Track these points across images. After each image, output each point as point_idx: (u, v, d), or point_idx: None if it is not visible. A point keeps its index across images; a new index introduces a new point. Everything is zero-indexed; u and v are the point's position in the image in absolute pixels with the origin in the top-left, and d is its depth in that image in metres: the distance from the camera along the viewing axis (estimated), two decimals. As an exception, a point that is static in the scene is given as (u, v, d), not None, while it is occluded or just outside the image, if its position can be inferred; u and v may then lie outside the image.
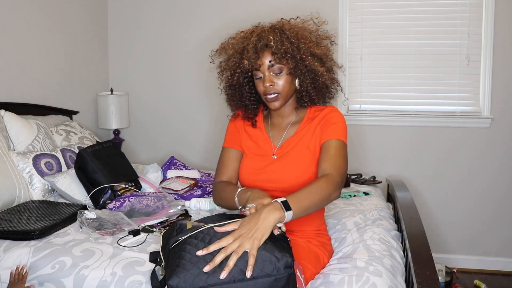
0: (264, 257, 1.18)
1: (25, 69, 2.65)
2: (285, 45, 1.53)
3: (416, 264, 1.43)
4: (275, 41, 1.54)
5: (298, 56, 1.54)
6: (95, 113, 3.31)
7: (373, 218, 1.94)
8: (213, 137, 3.37)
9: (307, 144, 1.60)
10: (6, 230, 1.71)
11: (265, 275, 1.16)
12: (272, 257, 1.18)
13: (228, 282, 1.15)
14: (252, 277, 1.15)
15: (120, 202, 1.99)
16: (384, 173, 3.11)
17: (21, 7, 2.60)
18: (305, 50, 1.55)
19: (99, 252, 1.60)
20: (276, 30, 1.58)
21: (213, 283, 1.15)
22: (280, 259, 1.17)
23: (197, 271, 1.17)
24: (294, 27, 1.61)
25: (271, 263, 1.17)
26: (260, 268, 1.16)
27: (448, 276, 2.84)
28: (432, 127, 3.07)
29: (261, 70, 1.57)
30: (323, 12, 3.10)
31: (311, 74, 1.58)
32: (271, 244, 1.21)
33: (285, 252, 1.20)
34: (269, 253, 1.18)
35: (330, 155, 1.52)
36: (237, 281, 1.15)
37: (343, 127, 1.59)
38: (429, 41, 3.02)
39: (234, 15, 3.20)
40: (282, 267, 1.17)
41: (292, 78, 1.59)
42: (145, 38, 3.41)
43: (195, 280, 1.15)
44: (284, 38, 1.55)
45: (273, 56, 1.54)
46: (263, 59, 1.55)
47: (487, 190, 3.06)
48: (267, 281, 1.16)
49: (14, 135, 2.27)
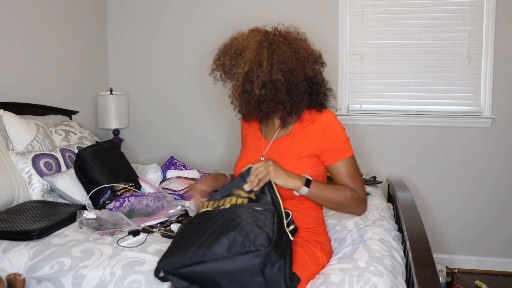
0: (242, 234, 1.25)
1: (25, 69, 2.65)
2: (226, 71, 1.60)
3: (416, 265, 1.42)
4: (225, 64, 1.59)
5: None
6: (94, 113, 3.30)
7: (373, 218, 1.93)
8: (213, 137, 3.37)
9: (299, 149, 1.59)
10: (5, 230, 1.70)
11: (243, 252, 1.23)
12: (251, 234, 1.24)
13: (209, 260, 1.24)
14: (231, 255, 1.23)
15: (119, 203, 1.98)
16: (384, 173, 3.10)
17: (21, 7, 2.59)
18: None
19: (99, 252, 1.60)
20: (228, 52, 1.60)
21: (196, 261, 1.25)
22: (257, 236, 1.23)
23: (182, 251, 1.29)
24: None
25: (248, 239, 1.24)
26: (238, 244, 1.23)
27: (449, 277, 2.83)
28: (432, 127, 3.06)
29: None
30: (323, 12, 3.12)
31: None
32: (253, 223, 1.28)
33: (264, 231, 1.25)
34: (248, 230, 1.25)
35: (348, 177, 1.57)
36: (218, 259, 1.24)
37: (345, 141, 1.58)
38: (430, 41, 3.01)
39: (234, 15, 3.19)
40: (257, 243, 1.23)
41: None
42: (145, 38, 3.40)
43: (179, 260, 1.28)
44: (228, 59, 1.58)
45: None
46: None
47: (488, 190, 3.05)
48: (244, 258, 1.23)
49: (13, 135, 2.26)
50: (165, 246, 1.64)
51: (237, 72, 1.54)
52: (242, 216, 1.32)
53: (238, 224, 1.29)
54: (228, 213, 1.36)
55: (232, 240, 1.25)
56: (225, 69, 1.59)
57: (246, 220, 1.29)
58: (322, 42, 1.70)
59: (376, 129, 3.13)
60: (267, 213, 1.36)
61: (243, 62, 1.53)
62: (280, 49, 1.53)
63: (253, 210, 1.36)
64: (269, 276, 1.24)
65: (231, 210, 1.37)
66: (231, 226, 1.29)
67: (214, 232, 1.30)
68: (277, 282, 1.26)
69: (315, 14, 3.10)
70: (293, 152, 1.59)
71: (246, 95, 1.55)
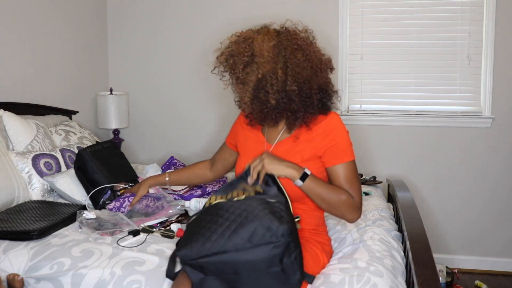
0: (263, 225, 1.28)
1: (25, 69, 2.65)
2: (236, 73, 1.56)
3: (416, 265, 1.42)
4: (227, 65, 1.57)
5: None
6: (94, 113, 3.30)
7: (373, 218, 1.93)
8: (213, 137, 3.37)
9: (302, 152, 1.57)
10: (5, 230, 1.70)
11: (264, 243, 1.26)
12: (272, 225, 1.28)
13: (230, 250, 1.27)
14: (253, 245, 1.27)
15: (119, 203, 1.98)
16: (384, 173, 3.10)
17: (21, 7, 2.59)
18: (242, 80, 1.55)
19: (98, 252, 1.60)
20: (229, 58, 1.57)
21: (216, 251, 1.28)
22: (278, 227, 1.27)
23: (202, 241, 1.31)
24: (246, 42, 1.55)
25: (270, 231, 1.27)
26: (259, 235, 1.27)
27: (449, 277, 2.83)
28: (432, 127, 3.06)
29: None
30: (323, 12, 3.12)
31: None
32: (271, 215, 1.31)
33: (283, 222, 1.29)
34: (268, 222, 1.28)
35: (346, 181, 1.54)
36: (239, 250, 1.27)
37: (347, 144, 1.57)
38: (430, 41, 3.01)
39: (234, 15, 3.20)
40: (279, 234, 1.26)
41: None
42: (145, 38, 3.40)
43: (200, 249, 1.29)
44: (239, 62, 1.54)
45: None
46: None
47: (488, 190, 3.05)
48: (265, 248, 1.26)
49: (13, 135, 2.26)
50: (165, 246, 1.64)
51: (251, 79, 1.51)
52: (259, 207, 1.35)
53: (257, 215, 1.32)
54: (244, 205, 1.38)
55: (253, 231, 1.28)
56: (236, 71, 1.54)
57: (264, 212, 1.33)
58: (322, 42, 1.69)
59: (376, 129, 3.13)
60: (279, 204, 1.39)
61: (257, 68, 1.50)
62: (294, 57, 1.51)
63: (266, 201, 1.39)
64: (286, 265, 1.29)
65: (246, 202, 1.39)
66: (250, 217, 1.32)
67: (234, 223, 1.32)
68: (293, 270, 1.31)
69: (315, 14, 3.10)
70: (297, 155, 1.57)
71: (258, 103, 1.53)
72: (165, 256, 1.57)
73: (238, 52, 1.53)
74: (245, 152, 1.73)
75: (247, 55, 1.52)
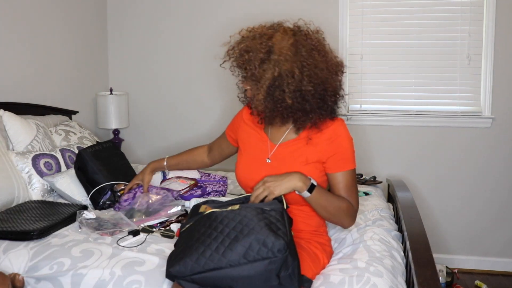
0: (259, 240, 1.25)
1: (25, 69, 2.65)
2: (251, 69, 1.51)
3: (416, 265, 1.42)
4: (246, 61, 1.52)
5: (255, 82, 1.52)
6: (94, 113, 3.30)
7: (373, 218, 1.93)
8: (213, 137, 3.36)
9: (306, 155, 1.57)
10: (5, 230, 1.70)
11: (260, 258, 1.23)
12: (267, 240, 1.25)
13: (225, 267, 1.24)
14: (248, 261, 1.23)
15: (132, 193, 2.00)
16: (384, 173, 3.10)
17: (21, 7, 2.59)
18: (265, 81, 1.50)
19: (98, 252, 1.60)
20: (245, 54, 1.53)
21: (210, 268, 1.25)
22: (274, 242, 1.24)
23: (196, 256, 1.27)
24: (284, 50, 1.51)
25: (265, 246, 1.24)
26: (255, 251, 1.24)
27: (449, 277, 2.83)
28: (432, 127, 3.06)
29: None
30: (324, 12, 3.12)
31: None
32: (267, 228, 1.28)
33: (279, 236, 1.26)
34: (264, 237, 1.25)
35: (346, 189, 1.56)
36: (234, 266, 1.24)
37: (351, 152, 1.57)
38: (430, 41, 3.01)
39: (233, 15, 3.19)
40: (276, 249, 1.24)
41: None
42: (145, 38, 3.40)
43: (193, 266, 1.26)
44: (255, 59, 1.50)
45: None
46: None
47: (488, 190, 3.05)
48: (261, 264, 1.23)
49: (13, 135, 2.26)
50: (165, 246, 1.64)
51: (267, 76, 1.47)
52: (254, 219, 1.32)
53: (252, 228, 1.29)
54: (239, 216, 1.35)
55: (248, 246, 1.25)
56: (251, 67, 1.50)
57: (259, 225, 1.29)
58: (322, 42, 1.69)
59: (376, 129, 3.13)
60: (275, 213, 1.36)
61: (273, 65, 1.47)
62: (312, 57, 1.49)
63: (261, 210, 1.36)
64: (283, 279, 1.26)
65: (241, 213, 1.36)
66: (245, 230, 1.29)
67: (228, 237, 1.29)
68: (290, 283, 1.28)
69: (315, 14, 3.09)
70: (301, 158, 1.57)
71: (272, 101, 1.50)
72: (165, 256, 1.57)
73: (254, 48, 1.49)
74: (247, 150, 1.71)
75: (264, 52, 1.48)
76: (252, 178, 1.63)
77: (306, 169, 1.55)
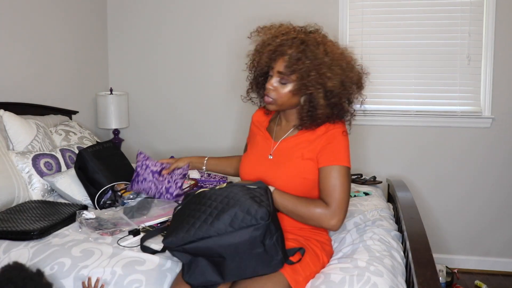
0: (243, 209, 1.33)
1: (25, 69, 2.65)
2: (299, 66, 1.52)
3: (416, 265, 1.42)
4: (292, 57, 1.53)
5: (306, 82, 1.53)
6: (94, 113, 3.30)
7: (373, 218, 1.93)
8: (213, 137, 3.37)
9: (302, 151, 1.59)
10: (5, 230, 1.70)
11: (245, 226, 1.32)
12: (251, 209, 1.33)
13: (213, 235, 1.32)
14: (234, 229, 1.32)
15: (150, 161, 2.11)
16: (384, 173, 3.10)
17: (21, 7, 2.59)
18: (314, 80, 1.52)
19: (99, 252, 1.60)
20: (300, 46, 1.54)
21: (200, 237, 1.33)
22: (257, 210, 1.33)
23: (186, 227, 1.36)
24: (319, 46, 1.56)
25: (249, 214, 1.32)
26: (240, 219, 1.32)
27: (449, 277, 2.84)
28: (432, 127, 3.06)
29: (272, 71, 1.59)
30: (324, 12, 3.12)
31: (312, 103, 1.56)
32: (251, 199, 1.37)
33: (262, 206, 1.35)
34: (248, 206, 1.34)
35: (329, 185, 1.52)
36: (221, 234, 1.32)
37: (343, 149, 1.57)
38: (430, 41, 3.01)
39: (233, 15, 3.19)
40: (259, 216, 1.32)
41: (293, 94, 1.57)
42: (145, 38, 3.40)
43: (184, 236, 1.34)
44: (303, 57, 1.52)
45: (285, 68, 1.54)
46: (277, 63, 1.56)
47: (488, 190, 3.05)
48: (246, 231, 1.32)
49: (13, 135, 2.26)
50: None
51: (328, 85, 1.54)
52: (240, 193, 1.41)
53: (237, 200, 1.37)
54: (226, 191, 1.43)
55: (233, 215, 1.33)
56: (312, 74, 1.52)
57: (244, 197, 1.38)
58: (322, 42, 1.69)
59: (376, 129, 3.13)
60: (260, 190, 1.44)
61: (333, 74, 1.54)
62: (350, 69, 1.63)
63: (247, 188, 1.44)
64: (268, 247, 1.34)
65: (227, 189, 1.45)
66: (231, 203, 1.37)
67: (215, 209, 1.37)
68: (275, 251, 1.36)
69: (315, 14, 3.09)
70: (298, 153, 1.60)
71: (329, 107, 1.58)
72: (165, 256, 1.57)
73: (313, 55, 1.53)
74: (252, 148, 1.77)
75: (320, 58, 1.54)
76: (252, 173, 1.67)
77: (302, 164, 1.58)
